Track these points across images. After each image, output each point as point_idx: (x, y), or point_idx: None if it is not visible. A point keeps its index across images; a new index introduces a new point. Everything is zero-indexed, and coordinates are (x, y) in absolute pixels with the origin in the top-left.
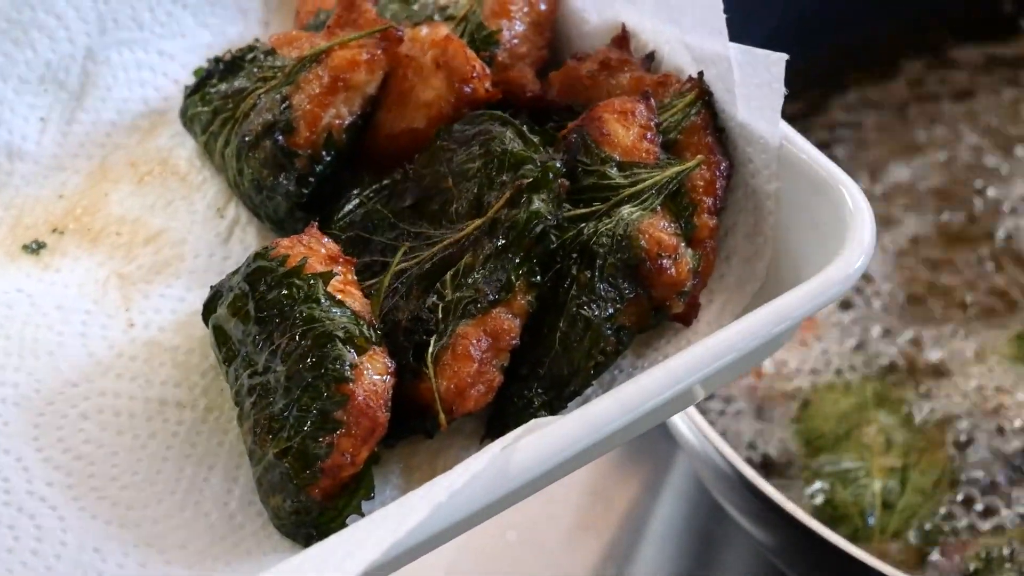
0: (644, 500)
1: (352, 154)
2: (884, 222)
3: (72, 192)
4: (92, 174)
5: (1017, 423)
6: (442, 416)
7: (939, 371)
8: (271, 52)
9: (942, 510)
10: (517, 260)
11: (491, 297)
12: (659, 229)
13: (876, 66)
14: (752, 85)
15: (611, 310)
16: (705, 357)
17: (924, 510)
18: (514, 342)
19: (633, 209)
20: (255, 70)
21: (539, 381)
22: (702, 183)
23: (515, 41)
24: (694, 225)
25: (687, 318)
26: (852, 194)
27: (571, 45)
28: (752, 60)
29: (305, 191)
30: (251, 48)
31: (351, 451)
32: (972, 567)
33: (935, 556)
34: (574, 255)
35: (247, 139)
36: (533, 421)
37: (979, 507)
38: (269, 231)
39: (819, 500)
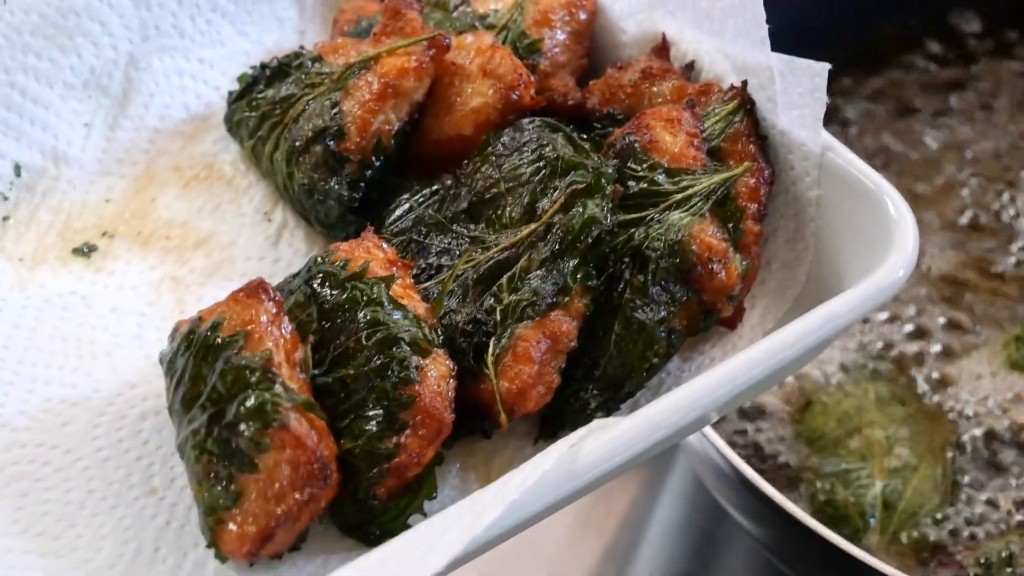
0: (644, 500)
1: (399, 160)
2: None
3: (119, 196)
4: (138, 179)
5: (1017, 426)
6: (503, 416)
7: (942, 373)
8: (318, 59)
9: (943, 512)
10: (573, 264)
11: (549, 300)
12: (709, 234)
13: (876, 65)
14: (794, 94)
15: (664, 313)
16: (759, 359)
17: (925, 511)
18: (572, 344)
19: (683, 215)
20: (302, 76)
21: (595, 383)
22: (746, 190)
23: (556, 50)
24: (741, 231)
25: (733, 322)
26: (896, 203)
27: (609, 55)
28: (794, 69)
29: (356, 195)
30: (297, 55)
31: (417, 451)
32: (972, 573)
33: (936, 558)
34: (626, 259)
35: (297, 144)
36: (596, 422)
37: (979, 509)
38: (317, 235)
39: (819, 500)
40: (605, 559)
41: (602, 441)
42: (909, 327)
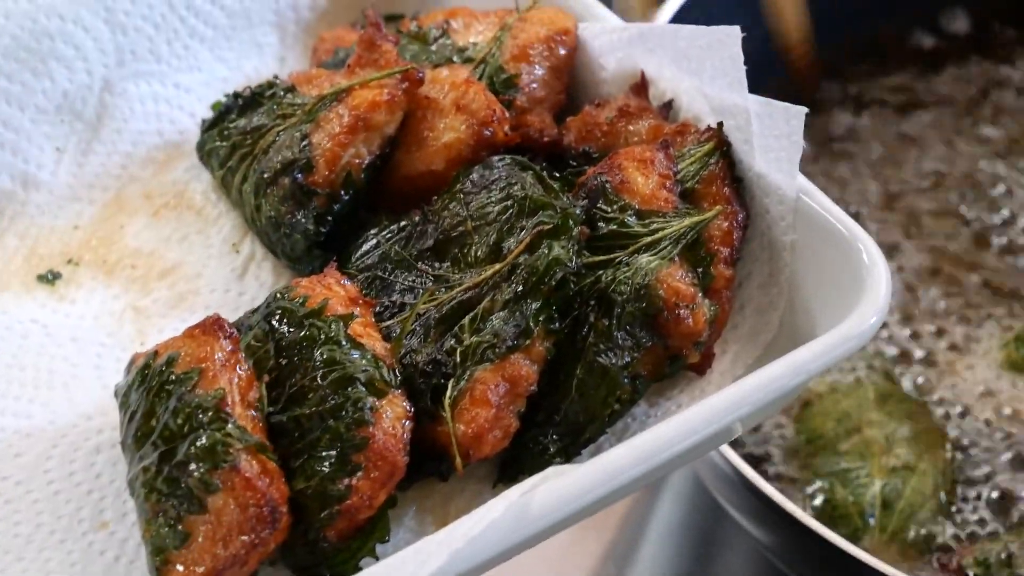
0: (644, 500)
1: (370, 194)
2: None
3: (87, 223)
4: (107, 205)
5: (1016, 424)
6: (458, 460)
7: (940, 371)
8: (291, 89)
9: (943, 512)
10: (536, 306)
11: (509, 343)
12: (677, 279)
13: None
14: (770, 136)
15: (628, 358)
16: (720, 409)
17: (924, 510)
18: (532, 388)
19: (651, 258)
20: (274, 107)
21: (555, 427)
22: (719, 233)
23: (534, 85)
24: (711, 275)
25: (702, 368)
26: (868, 250)
27: (588, 92)
28: (771, 112)
29: (323, 229)
30: (270, 84)
31: (369, 493)
32: (972, 574)
33: (935, 558)
34: (592, 302)
35: (266, 176)
36: (550, 469)
37: (979, 510)
38: (284, 268)
39: (819, 500)
40: (605, 559)
41: (555, 488)
42: (907, 326)
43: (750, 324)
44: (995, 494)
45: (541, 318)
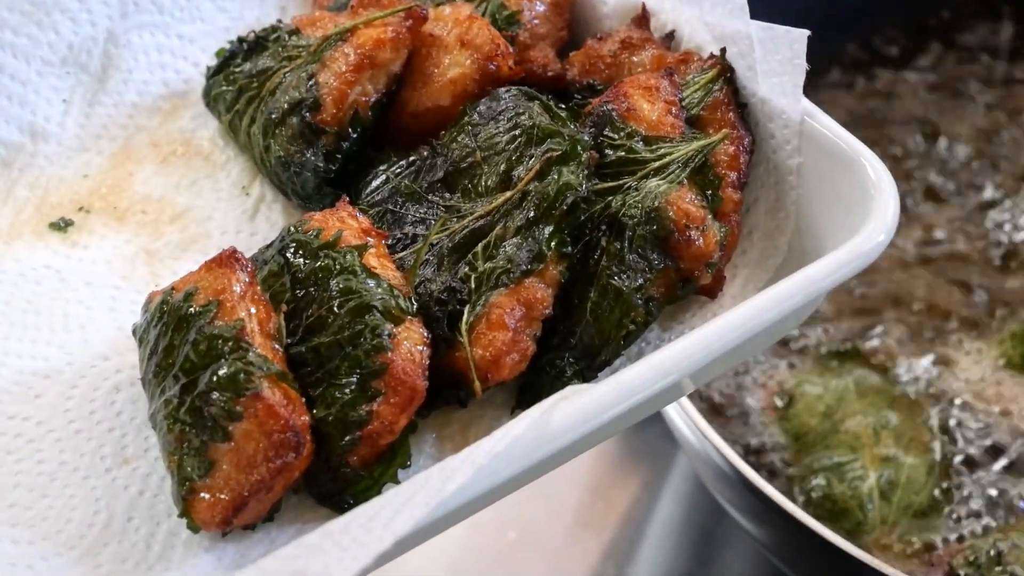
0: (644, 500)
1: (376, 132)
2: None
3: (96, 172)
4: (115, 155)
5: (1007, 421)
6: (477, 384)
7: (921, 359)
8: (295, 32)
9: (937, 507)
10: (548, 231)
11: (523, 267)
12: (686, 201)
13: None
14: (774, 61)
15: (640, 280)
16: (735, 324)
17: (921, 499)
18: (547, 311)
19: (660, 182)
20: (279, 49)
21: (571, 351)
22: (726, 158)
23: (535, 21)
24: (719, 199)
25: (713, 291)
26: (875, 168)
27: (588, 27)
28: (773, 37)
29: (332, 167)
30: (274, 28)
31: (390, 419)
32: (963, 573)
33: (928, 557)
34: (603, 227)
35: (274, 116)
36: (568, 388)
37: (970, 507)
38: (295, 209)
39: (817, 496)
40: (605, 558)
41: (575, 406)
42: (887, 313)
43: (759, 249)
44: (991, 492)
45: (554, 242)
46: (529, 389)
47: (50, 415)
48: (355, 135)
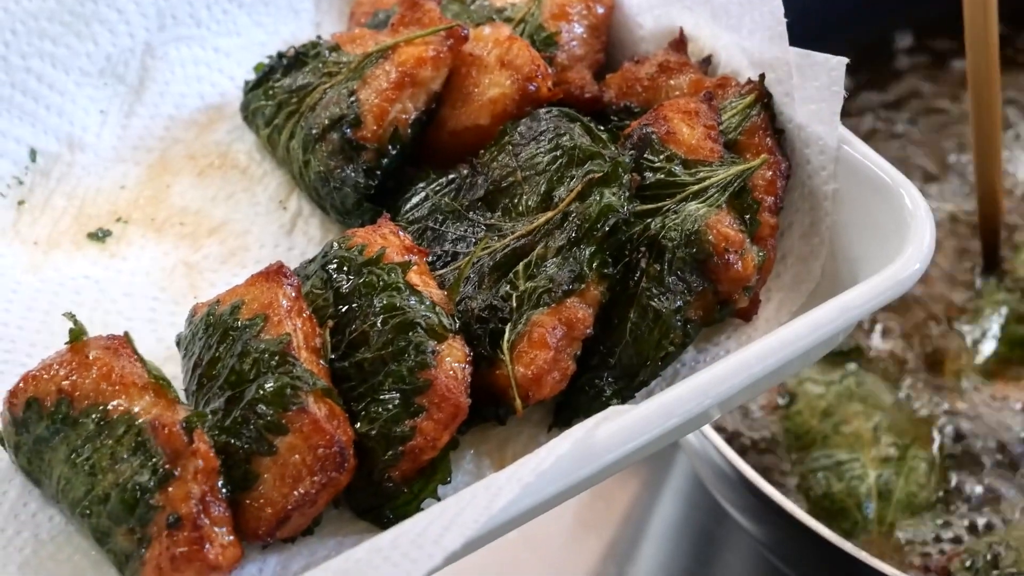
0: (644, 500)
1: (416, 149)
2: None
3: (134, 183)
4: (152, 166)
5: (1005, 422)
6: (518, 402)
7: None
8: (335, 48)
9: (934, 508)
10: (589, 252)
11: (565, 287)
12: (726, 225)
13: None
14: (811, 88)
15: (679, 302)
16: (775, 347)
17: (920, 499)
18: (588, 331)
19: (699, 205)
20: (319, 65)
21: (610, 371)
22: (763, 182)
23: (573, 43)
24: (757, 223)
25: (748, 314)
26: (912, 196)
27: (626, 49)
28: (811, 64)
29: (372, 183)
30: (314, 44)
31: (433, 434)
32: None
33: (925, 561)
34: (643, 248)
35: (314, 132)
36: (611, 408)
37: (969, 506)
38: (332, 224)
39: (816, 495)
40: (605, 558)
41: (618, 426)
42: (887, 312)
43: (793, 273)
44: (990, 493)
45: (595, 263)
46: (567, 408)
47: None
48: (394, 152)
